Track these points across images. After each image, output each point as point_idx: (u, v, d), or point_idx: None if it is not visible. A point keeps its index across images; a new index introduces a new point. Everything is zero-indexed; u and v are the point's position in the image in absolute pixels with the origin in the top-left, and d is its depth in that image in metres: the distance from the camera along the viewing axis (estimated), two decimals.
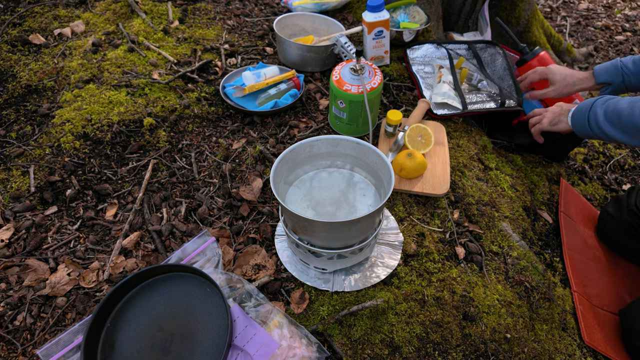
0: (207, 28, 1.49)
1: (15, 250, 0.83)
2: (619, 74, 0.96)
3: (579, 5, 2.60)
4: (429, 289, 0.81)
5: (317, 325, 0.73)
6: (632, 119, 0.80)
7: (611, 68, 0.98)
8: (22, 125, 1.07)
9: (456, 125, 1.20)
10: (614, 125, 0.84)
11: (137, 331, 0.70)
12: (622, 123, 0.82)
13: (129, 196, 0.95)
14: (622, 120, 0.82)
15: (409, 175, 0.98)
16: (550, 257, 0.99)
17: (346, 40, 1.24)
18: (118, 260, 0.82)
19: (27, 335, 0.72)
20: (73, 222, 0.89)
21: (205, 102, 1.20)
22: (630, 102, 0.81)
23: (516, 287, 0.86)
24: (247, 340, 0.69)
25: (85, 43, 1.33)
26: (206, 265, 0.80)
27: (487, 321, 0.78)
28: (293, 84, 1.24)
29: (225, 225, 0.90)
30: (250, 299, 0.76)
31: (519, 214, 1.02)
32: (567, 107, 0.98)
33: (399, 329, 0.75)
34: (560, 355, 0.77)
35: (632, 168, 1.38)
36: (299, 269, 0.82)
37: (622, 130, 0.83)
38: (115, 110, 1.10)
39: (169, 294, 0.74)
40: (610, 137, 0.86)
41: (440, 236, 0.91)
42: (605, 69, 0.99)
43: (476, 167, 1.10)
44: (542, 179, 1.18)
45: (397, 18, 1.43)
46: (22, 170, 0.96)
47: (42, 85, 1.17)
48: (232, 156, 1.06)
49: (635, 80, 0.96)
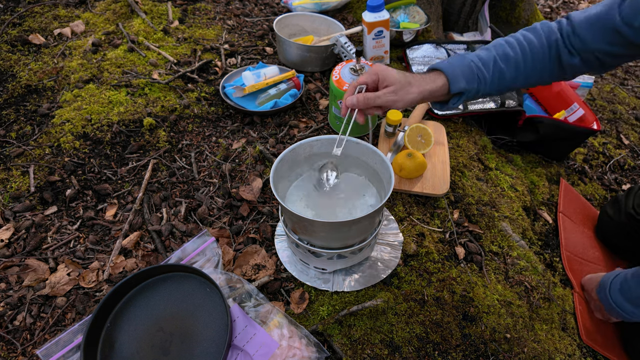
0: (207, 28, 1.49)
1: (15, 250, 0.83)
2: (475, 80, 0.72)
3: (579, 5, 2.60)
4: (428, 289, 0.81)
5: (317, 325, 0.73)
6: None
7: (467, 72, 0.72)
8: (22, 125, 1.07)
9: (456, 125, 1.20)
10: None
11: (137, 331, 0.70)
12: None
13: (128, 196, 0.95)
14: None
15: (409, 175, 0.98)
16: (550, 257, 0.99)
17: (346, 40, 1.24)
18: (118, 260, 0.82)
19: (27, 335, 0.72)
20: (73, 222, 0.89)
21: (205, 102, 1.20)
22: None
23: (516, 287, 0.86)
24: (247, 340, 0.69)
25: (85, 43, 1.33)
26: (206, 265, 0.80)
27: (487, 321, 0.78)
28: (293, 84, 1.24)
29: (225, 225, 0.90)
30: (250, 299, 0.76)
31: (518, 214, 1.02)
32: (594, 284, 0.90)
33: (399, 329, 0.75)
34: (560, 355, 0.77)
35: (632, 168, 1.38)
36: (299, 269, 0.82)
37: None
38: (115, 110, 1.10)
39: (169, 294, 0.74)
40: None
41: (440, 236, 0.91)
42: (461, 73, 0.72)
43: (476, 167, 1.10)
44: (542, 179, 1.18)
45: (397, 18, 1.43)
46: (22, 170, 0.96)
47: (42, 85, 1.17)
48: (232, 156, 1.06)
49: (489, 88, 0.75)
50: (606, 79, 1.85)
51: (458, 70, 0.71)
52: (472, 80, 0.72)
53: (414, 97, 0.68)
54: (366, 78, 0.69)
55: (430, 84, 0.70)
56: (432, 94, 0.71)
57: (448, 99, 0.75)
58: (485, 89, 0.74)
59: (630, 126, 1.55)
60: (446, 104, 0.75)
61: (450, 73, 0.71)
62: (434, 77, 0.72)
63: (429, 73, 0.73)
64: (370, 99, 0.67)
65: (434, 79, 0.71)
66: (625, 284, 0.81)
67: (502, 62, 0.73)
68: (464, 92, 0.73)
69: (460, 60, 0.73)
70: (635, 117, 1.61)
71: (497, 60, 0.73)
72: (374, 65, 0.70)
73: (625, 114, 1.61)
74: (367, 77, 0.70)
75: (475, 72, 0.72)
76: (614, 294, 0.82)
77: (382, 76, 0.68)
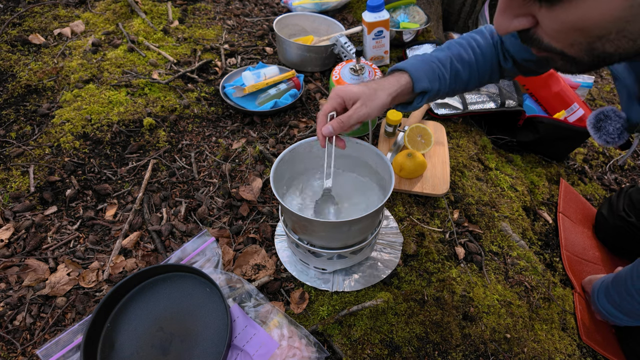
0: (207, 28, 1.49)
1: (15, 250, 0.83)
2: (437, 80, 0.73)
3: None
4: (428, 289, 0.81)
5: (316, 325, 0.73)
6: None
7: (429, 71, 0.72)
8: (21, 125, 1.07)
9: (456, 125, 1.20)
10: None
11: (136, 331, 0.70)
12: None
13: (128, 196, 0.95)
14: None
15: (408, 175, 0.98)
16: (550, 257, 0.99)
17: (346, 40, 1.24)
18: (118, 260, 0.82)
19: (26, 335, 0.72)
20: (73, 222, 0.89)
21: (205, 102, 1.20)
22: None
23: (516, 287, 0.86)
24: (247, 340, 0.69)
25: (85, 43, 1.33)
26: (206, 265, 0.80)
27: (486, 321, 0.78)
28: (293, 84, 1.24)
29: (225, 225, 0.90)
30: (250, 299, 0.76)
31: (518, 214, 1.02)
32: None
33: (399, 329, 0.75)
34: (560, 355, 0.77)
35: (631, 168, 1.38)
36: (299, 269, 0.82)
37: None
38: (115, 110, 1.10)
39: (169, 294, 0.74)
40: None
41: (440, 236, 0.91)
42: (424, 72, 0.71)
43: (476, 167, 1.10)
44: (542, 179, 1.18)
45: (397, 18, 1.43)
46: (21, 170, 0.96)
47: (41, 85, 1.17)
48: (231, 156, 1.06)
49: (447, 89, 0.76)
50: (606, 79, 1.85)
51: (421, 70, 0.71)
52: (434, 80, 0.72)
53: (384, 101, 0.68)
54: (332, 104, 0.68)
55: (395, 85, 0.70)
56: (400, 94, 0.70)
57: (412, 99, 0.75)
58: (445, 89, 0.75)
59: None
60: (410, 104, 0.75)
61: (414, 73, 0.71)
62: (397, 77, 0.71)
63: (391, 74, 0.73)
64: (344, 121, 0.66)
65: (398, 79, 0.71)
66: (607, 290, 0.82)
67: (457, 62, 0.74)
68: (428, 92, 0.73)
69: (422, 60, 0.73)
70: None
71: (453, 61, 0.74)
72: (333, 90, 0.69)
73: None
74: (332, 102, 0.68)
75: (436, 72, 0.72)
76: (601, 300, 0.84)
77: (346, 96, 0.68)
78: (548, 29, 0.39)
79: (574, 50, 0.39)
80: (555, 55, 0.41)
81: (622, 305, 0.79)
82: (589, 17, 0.34)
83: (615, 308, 0.81)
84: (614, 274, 0.83)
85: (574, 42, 0.38)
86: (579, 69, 0.42)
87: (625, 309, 0.79)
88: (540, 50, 0.42)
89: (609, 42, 0.36)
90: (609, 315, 0.83)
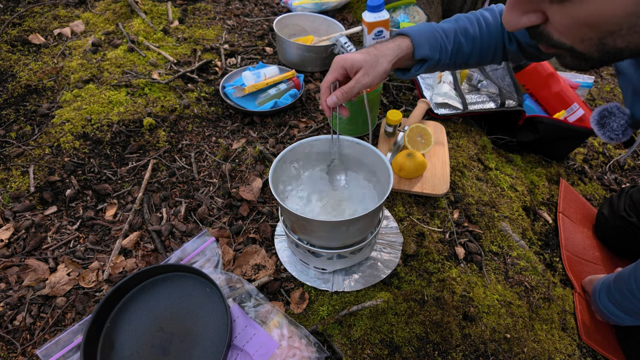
0: (207, 28, 1.49)
1: (15, 250, 0.83)
2: (438, 49, 0.72)
3: None
4: (428, 289, 0.81)
5: (316, 325, 0.73)
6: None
7: (432, 39, 0.72)
8: (21, 125, 1.07)
9: (456, 125, 1.20)
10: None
11: (136, 331, 0.70)
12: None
13: (128, 196, 0.95)
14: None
15: (408, 175, 0.98)
16: (550, 257, 0.99)
17: (346, 40, 1.24)
18: (118, 260, 0.82)
19: (26, 335, 0.72)
20: (73, 222, 0.89)
21: (205, 102, 1.20)
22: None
23: (516, 287, 0.86)
24: (247, 340, 0.69)
25: (85, 43, 1.33)
26: (206, 265, 0.80)
27: (486, 321, 0.78)
28: (293, 84, 1.24)
29: (225, 225, 0.90)
30: (250, 299, 0.76)
31: (518, 214, 1.02)
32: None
33: (399, 329, 0.75)
34: (560, 355, 0.77)
35: (631, 168, 1.38)
36: (299, 269, 0.82)
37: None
38: (115, 110, 1.10)
39: (169, 294, 0.74)
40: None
41: (440, 236, 0.91)
42: (426, 39, 0.71)
43: (476, 167, 1.10)
44: (542, 179, 1.18)
45: (397, 18, 1.43)
46: (21, 170, 0.96)
47: (41, 85, 1.17)
48: (231, 156, 1.06)
49: (448, 60, 0.75)
50: (606, 79, 1.85)
51: (424, 37, 0.71)
52: (436, 49, 0.72)
53: (385, 68, 0.68)
54: (334, 74, 0.69)
55: (396, 50, 0.70)
56: (400, 59, 0.70)
57: (411, 66, 0.75)
58: (445, 60, 0.75)
59: None
60: (408, 71, 0.75)
61: (416, 38, 0.70)
62: (399, 41, 0.71)
63: (394, 38, 0.73)
64: (348, 91, 0.66)
65: (399, 45, 0.71)
66: (609, 290, 0.82)
67: (462, 35, 0.74)
68: (427, 60, 0.72)
69: (427, 27, 0.73)
70: None
71: (457, 33, 0.74)
72: (335, 59, 0.69)
73: None
74: (334, 73, 0.69)
75: (439, 41, 0.72)
76: (602, 299, 0.84)
77: (348, 65, 0.68)
78: (558, 25, 0.38)
79: (584, 46, 0.39)
80: (564, 51, 0.41)
81: (624, 304, 0.79)
82: (600, 12, 0.34)
83: (617, 307, 0.81)
84: (616, 273, 0.83)
85: (585, 38, 0.38)
86: (588, 65, 0.42)
87: (627, 308, 0.79)
88: (549, 47, 0.42)
89: (620, 37, 0.36)
90: (610, 315, 0.83)
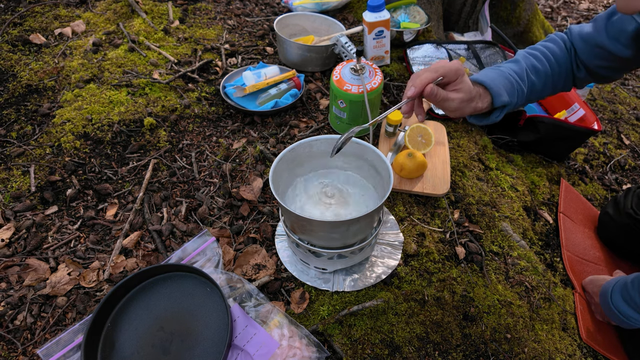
0: (208, 28, 1.49)
1: (16, 250, 0.83)
2: (515, 94, 0.72)
3: (580, 5, 2.59)
4: (429, 289, 0.81)
5: (317, 325, 0.73)
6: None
7: (508, 85, 0.71)
8: (22, 125, 1.07)
9: (456, 125, 1.20)
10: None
11: (137, 331, 0.70)
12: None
13: (129, 196, 0.95)
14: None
15: (409, 175, 0.98)
16: (551, 257, 0.99)
17: (346, 40, 1.24)
18: (118, 260, 0.82)
19: (27, 334, 0.72)
20: (73, 222, 0.89)
21: (206, 102, 1.20)
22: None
23: (516, 287, 0.86)
24: (247, 340, 0.69)
25: (86, 43, 1.33)
26: (206, 265, 0.80)
27: (487, 321, 0.78)
28: (293, 83, 1.24)
29: (225, 225, 0.90)
30: (250, 298, 0.76)
31: (519, 214, 1.02)
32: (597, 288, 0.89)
33: (399, 329, 0.75)
34: (560, 355, 0.77)
35: (632, 168, 1.37)
36: (299, 268, 0.82)
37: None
38: (115, 110, 1.10)
39: (169, 294, 0.74)
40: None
41: (441, 236, 0.91)
42: (502, 86, 0.70)
43: (476, 167, 1.10)
44: (543, 179, 1.18)
45: (398, 18, 1.43)
46: (22, 169, 0.96)
47: (42, 85, 1.17)
48: (232, 156, 1.06)
49: (524, 101, 0.75)
50: None
51: (500, 85, 0.70)
52: (513, 94, 0.71)
53: (468, 112, 0.68)
54: (447, 73, 0.64)
55: (483, 100, 0.69)
56: (479, 110, 0.70)
57: (489, 113, 0.74)
58: (522, 102, 0.75)
59: (630, 126, 1.55)
60: (487, 117, 0.74)
61: (493, 87, 0.69)
62: (480, 91, 0.70)
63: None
64: (436, 96, 0.63)
65: (481, 94, 0.70)
66: (625, 291, 0.80)
67: (533, 74, 0.74)
68: (507, 106, 0.72)
69: (500, 74, 0.72)
70: (635, 117, 1.60)
71: (528, 73, 0.74)
72: (455, 63, 0.64)
73: (625, 114, 1.60)
74: (449, 72, 0.64)
75: (515, 86, 0.71)
76: (615, 301, 0.82)
77: (459, 80, 0.65)
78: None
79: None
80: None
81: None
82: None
83: (634, 309, 0.78)
84: (634, 274, 0.80)
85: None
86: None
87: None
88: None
89: None
90: (622, 316, 0.80)
